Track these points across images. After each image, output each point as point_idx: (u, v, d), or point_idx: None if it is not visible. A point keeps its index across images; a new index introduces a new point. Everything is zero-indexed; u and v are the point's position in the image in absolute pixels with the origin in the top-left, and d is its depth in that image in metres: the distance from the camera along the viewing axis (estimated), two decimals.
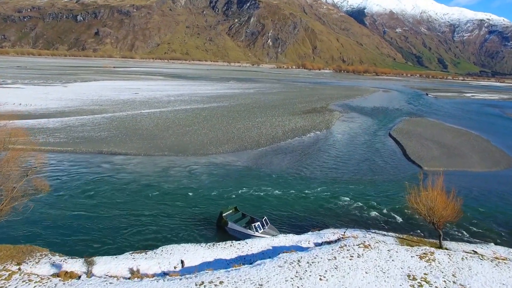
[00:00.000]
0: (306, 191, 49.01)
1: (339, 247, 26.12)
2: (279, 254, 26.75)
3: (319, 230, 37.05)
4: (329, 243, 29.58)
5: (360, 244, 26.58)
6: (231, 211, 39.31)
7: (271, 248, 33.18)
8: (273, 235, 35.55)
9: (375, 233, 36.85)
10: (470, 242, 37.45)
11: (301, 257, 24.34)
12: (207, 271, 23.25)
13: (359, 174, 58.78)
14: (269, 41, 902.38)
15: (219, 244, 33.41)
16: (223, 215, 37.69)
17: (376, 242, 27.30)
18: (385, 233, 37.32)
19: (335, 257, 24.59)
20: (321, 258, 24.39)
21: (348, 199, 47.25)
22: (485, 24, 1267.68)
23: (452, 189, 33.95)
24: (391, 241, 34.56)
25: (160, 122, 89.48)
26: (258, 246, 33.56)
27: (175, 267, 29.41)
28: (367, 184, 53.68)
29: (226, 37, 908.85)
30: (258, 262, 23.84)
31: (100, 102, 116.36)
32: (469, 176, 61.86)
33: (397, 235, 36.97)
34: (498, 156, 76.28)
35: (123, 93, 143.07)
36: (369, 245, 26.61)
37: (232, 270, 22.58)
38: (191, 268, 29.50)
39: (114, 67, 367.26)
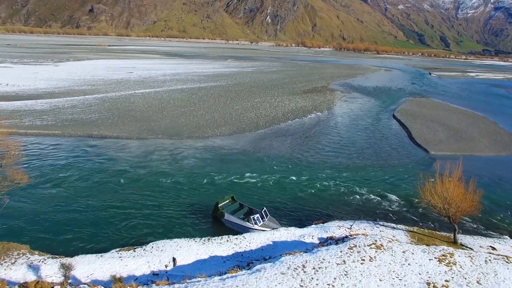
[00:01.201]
0: (308, 178, 46.05)
1: (348, 248, 23.26)
2: (281, 255, 23.91)
3: (323, 223, 34.26)
4: (336, 241, 26.65)
5: (371, 245, 23.71)
6: (227, 201, 36.39)
7: (271, 243, 30.47)
8: (273, 228, 32.83)
9: (383, 225, 34.13)
10: (485, 236, 34.80)
11: (306, 261, 21.49)
12: (199, 279, 20.40)
13: (363, 159, 55.74)
14: (267, 18, 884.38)
15: (214, 239, 30.66)
16: (219, 205, 34.75)
17: (389, 242, 24.43)
18: (394, 225, 34.61)
19: (344, 261, 21.75)
20: (329, 262, 21.55)
21: (352, 186, 44.37)
22: (492, 0, 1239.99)
23: (471, 180, 30.86)
24: (401, 236, 31.87)
25: (154, 103, 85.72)
26: (257, 241, 30.81)
27: (166, 266, 26.65)
28: (371, 170, 50.70)
29: (224, 14, 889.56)
30: (258, 267, 20.96)
31: (93, 82, 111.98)
32: (478, 161, 58.88)
33: (407, 227, 34.31)
34: (507, 139, 73.12)
35: (117, 73, 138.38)
36: (381, 245, 23.75)
37: (228, 278, 19.72)
38: (184, 267, 26.77)
39: (108, 45, 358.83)
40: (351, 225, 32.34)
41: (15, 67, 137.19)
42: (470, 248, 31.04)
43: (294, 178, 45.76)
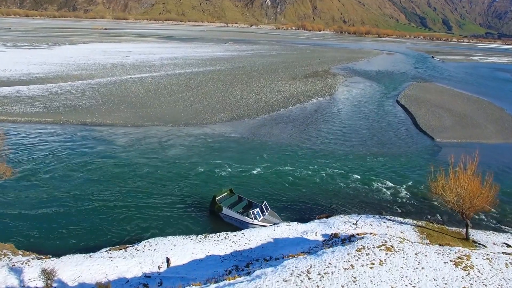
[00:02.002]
0: (310, 167, 43.99)
1: (356, 250, 21.35)
2: (283, 257, 22.09)
3: (326, 218, 32.32)
4: (342, 241, 24.72)
5: (381, 246, 21.81)
6: (225, 193, 34.45)
7: (272, 240, 28.59)
8: (274, 223, 30.91)
9: (390, 220, 32.28)
10: (498, 231, 32.99)
11: (311, 266, 19.60)
12: (193, 287, 18.51)
13: (367, 147, 53.63)
14: (267, 1, 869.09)
15: (211, 237, 28.73)
16: (217, 199, 32.81)
17: (400, 242, 22.51)
18: (401, 220, 32.73)
19: (352, 266, 19.88)
20: (336, 267, 19.67)
21: (356, 176, 42.32)
22: None
23: (487, 174, 28.80)
24: (410, 232, 30.04)
25: (151, 88, 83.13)
26: (257, 238, 28.92)
27: (159, 267, 24.79)
28: (376, 159, 48.62)
29: None
30: (258, 273, 19.08)
31: (88, 66, 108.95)
32: (485, 149, 56.64)
33: (415, 222, 32.46)
34: None
35: (113, 57, 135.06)
36: (392, 246, 21.86)
37: (225, 286, 17.82)
38: (178, 268, 24.95)
39: (105, 29, 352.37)
40: (356, 221, 30.47)
41: (8, 51, 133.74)
42: (483, 245, 29.26)
43: (295, 168, 43.73)
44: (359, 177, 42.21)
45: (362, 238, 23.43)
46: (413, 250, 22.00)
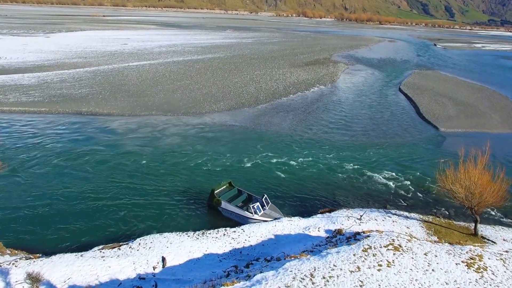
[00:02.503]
0: (311, 159, 42.71)
1: (362, 250, 20.13)
2: (285, 258, 20.87)
3: (329, 212, 31.12)
4: (347, 239, 23.41)
5: (388, 245, 20.58)
6: (224, 186, 33.15)
7: (273, 237, 27.39)
8: (275, 218, 29.76)
9: (395, 214, 31.06)
10: (508, 225, 31.79)
11: (315, 269, 18.37)
12: None
13: (369, 137, 52.21)
14: None
15: (209, 233, 27.48)
16: (215, 192, 31.54)
17: (408, 241, 21.26)
18: (407, 214, 31.56)
19: (358, 268, 18.66)
20: (341, 269, 18.45)
21: (359, 168, 41.07)
22: None
23: (498, 167, 27.39)
24: (416, 227, 28.85)
25: (149, 76, 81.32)
26: (257, 234, 27.69)
27: (154, 268, 23.58)
28: (379, 149, 47.25)
29: None
30: (258, 277, 17.85)
31: (85, 54, 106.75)
32: (491, 139, 54.39)
33: (421, 216, 31.31)
34: None
35: (111, 44, 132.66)
36: (399, 246, 20.63)
37: None
38: (174, 268, 23.76)
39: (103, 16, 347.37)
40: (361, 216, 29.25)
41: (3, 38, 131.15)
42: (492, 241, 28.09)
43: (296, 159, 42.42)
44: (362, 169, 40.91)
45: (368, 236, 22.18)
46: (422, 249, 20.76)
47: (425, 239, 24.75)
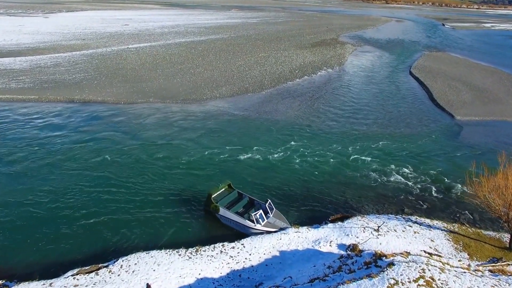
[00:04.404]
0: (319, 153, 39.59)
1: (388, 286, 17.15)
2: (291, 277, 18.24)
3: (341, 220, 27.56)
4: (366, 265, 19.75)
5: (419, 279, 17.23)
6: (223, 189, 29.44)
7: (278, 254, 23.67)
8: (280, 228, 26.03)
9: (416, 223, 27.31)
10: None
11: None
12: None
13: (381, 126, 49.10)
14: None
15: (204, 250, 23.57)
16: (213, 197, 27.89)
17: (441, 271, 17.92)
18: (429, 222, 27.82)
19: None
20: None
21: (371, 163, 37.87)
22: None
23: None
24: (442, 241, 25.13)
25: (148, 59, 78.02)
26: (260, 250, 23.81)
27: None
28: (392, 141, 44.09)
29: None
30: None
31: (83, 36, 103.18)
32: (511, 128, 52.15)
33: (445, 225, 27.58)
34: None
35: (111, 25, 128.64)
36: (432, 279, 17.30)
37: None
38: None
39: None
40: (378, 226, 25.86)
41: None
42: None
43: (302, 153, 39.43)
44: (374, 164, 37.76)
45: (392, 264, 18.93)
46: (459, 280, 17.77)
47: (454, 256, 22.00)
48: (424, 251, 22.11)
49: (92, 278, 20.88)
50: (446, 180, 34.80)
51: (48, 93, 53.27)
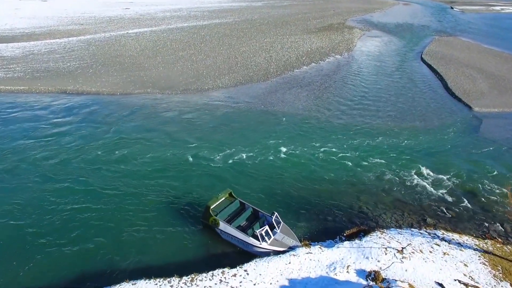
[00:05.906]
0: (329, 150, 36.59)
1: None
2: None
3: (357, 236, 24.51)
4: None
5: None
6: (223, 199, 26.24)
7: (287, 284, 20.41)
8: (289, 247, 22.98)
9: (443, 239, 24.07)
10: None
11: None
12: None
13: (395, 120, 46.03)
14: None
15: (201, 280, 20.16)
16: (211, 208, 24.82)
17: None
18: (458, 238, 24.51)
19: None
20: None
21: (387, 163, 34.77)
22: None
23: None
24: (477, 265, 21.89)
25: (148, 45, 74.69)
26: (266, 280, 20.48)
27: None
28: (407, 136, 41.06)
29: None
30: None
31: (82, 20, 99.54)
32: None
33: (476, 242, 24.14)
34: None
35: (111, 9, 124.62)
36: None
37: None
38: None
39: None
40: (402, 248, 22.63)
41: None
42: None
43: (311, 151, 36.54)
44: (391, 164, 34.73)
45: None
46: None
47: (494, 286, 19.26)
48: (459, 281, 19.40)
49: None
50: (469, 182, 31.70)
51: (39, 83, 50.30)
